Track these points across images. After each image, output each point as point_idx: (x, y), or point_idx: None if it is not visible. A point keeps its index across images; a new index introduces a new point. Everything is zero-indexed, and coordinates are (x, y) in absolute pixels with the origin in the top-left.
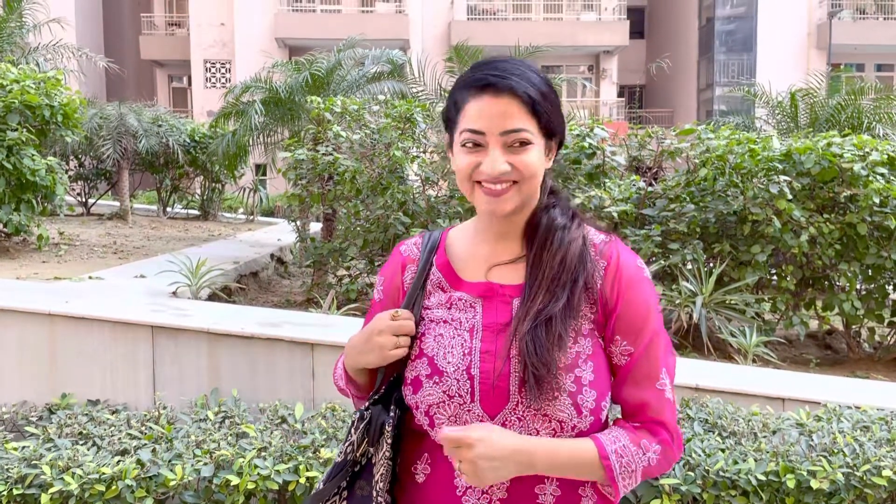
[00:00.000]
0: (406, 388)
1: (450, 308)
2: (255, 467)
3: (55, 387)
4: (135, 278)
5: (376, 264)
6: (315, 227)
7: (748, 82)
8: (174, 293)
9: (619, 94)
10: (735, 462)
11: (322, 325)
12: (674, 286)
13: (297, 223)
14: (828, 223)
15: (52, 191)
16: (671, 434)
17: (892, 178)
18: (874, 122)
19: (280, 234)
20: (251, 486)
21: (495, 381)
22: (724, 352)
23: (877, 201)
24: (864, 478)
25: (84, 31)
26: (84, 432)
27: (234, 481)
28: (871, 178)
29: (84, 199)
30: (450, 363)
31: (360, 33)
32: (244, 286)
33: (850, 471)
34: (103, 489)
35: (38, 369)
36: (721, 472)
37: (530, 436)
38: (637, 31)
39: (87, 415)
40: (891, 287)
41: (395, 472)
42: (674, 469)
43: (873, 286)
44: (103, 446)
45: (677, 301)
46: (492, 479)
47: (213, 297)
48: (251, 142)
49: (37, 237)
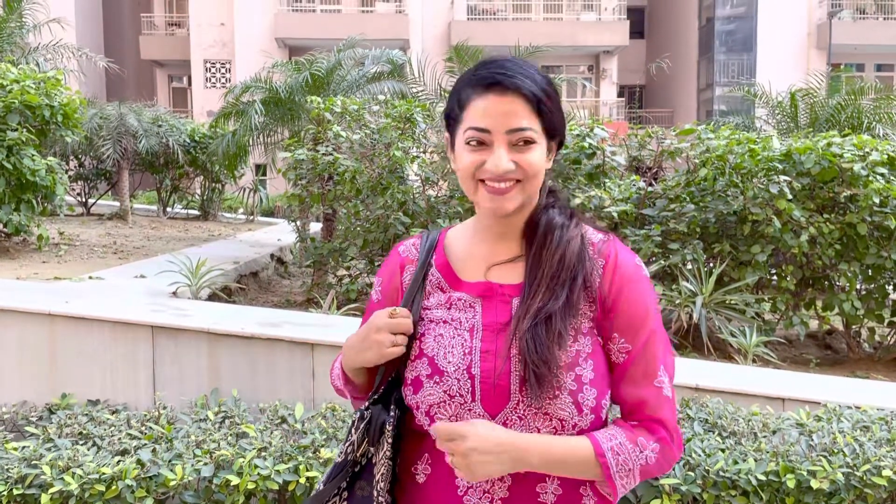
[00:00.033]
0: (406, 388)
1: (449, 308)
2: (256, 467)
3: (55, 387)
4: (135, 278)
5: (376, 264)
6: (315, 227)
7: (748, 82)
8: (174, 293)
9: (619, 94)
10: (735, 462)
11: (322, 325)
12: (674, 286)
13: (297, 223)
14: (828, 223)
15: (52, 191)
16: (670, 432)
17: (892, 178)
18: (874, 122)
19: (280, 234)
20: (251, 486)
21: (496, 380)
22: (724, 352)
23: (877, 201)
24: (864, 478)
25: (84, 31)
26: (84, 432)
27: (235, 481)
28: (871, 178)
29: (84, 199)
30: (450, 363)
31: (360, 33)
32: (244, 286)
33: (850, 471)
34: (103, 489)
35: (38, 369)
36: (721, 472)
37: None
38: (637, 31)
39: (87, 415)
40: (891, 287)
41: (395, 472)
42: (674, 469)
43: (873, 286)
44: (103, 446)
45: (677, 301)
46: (483, 473)
47: (213, 298)
48: (251, 142)
49: (37, 237)
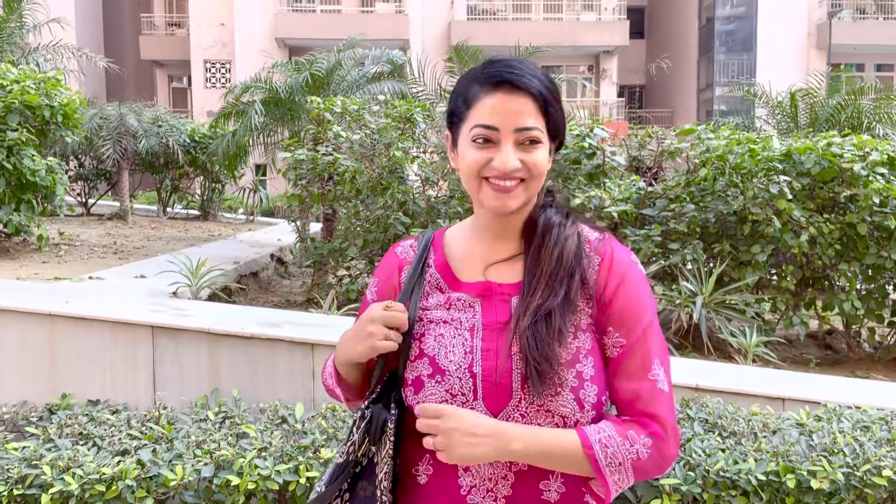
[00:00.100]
0: (407, 388)
1: (449, 308)
2: (256, 467)
3: (55, 387)
4: (135, 278)
5: (376, 264)
6: (315, 228)
7: (748, 82)
8: (174, 293)
9: (619, 94)
10: (735, 462)
11: (322, 325)
12: (674, 286)
13: (297, 223)
14: (828, 223)
15: (52, 191)
16: (664, 427)
17: (892, 178)
18: (874, 122)
19: (280, 234)
20: (251, 487)
21: (498, 378)
22: (724, 352)
23: (877, 201)
24: (865, 478)
25: (84, 31)
26: (84, 432)
27: (235, 481)
28: (871, 178)
29: (84, 200)
30: (451, 362)
31: (360, 33)
32: (244, 286)
33: (850, 471)
34: (104, 489)
35: (38, 369)
36: (721, 472)
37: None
38: (637, 31)
39: (87, 415)
40: (891, 287)
41: (396, 473)
42: (674, 469)
43: (873, 286)
44: (103, 446)
45: (677, 301)
46: (463, 454)
47: (213, 298)
48: (251, 142)
49: (37, 237)
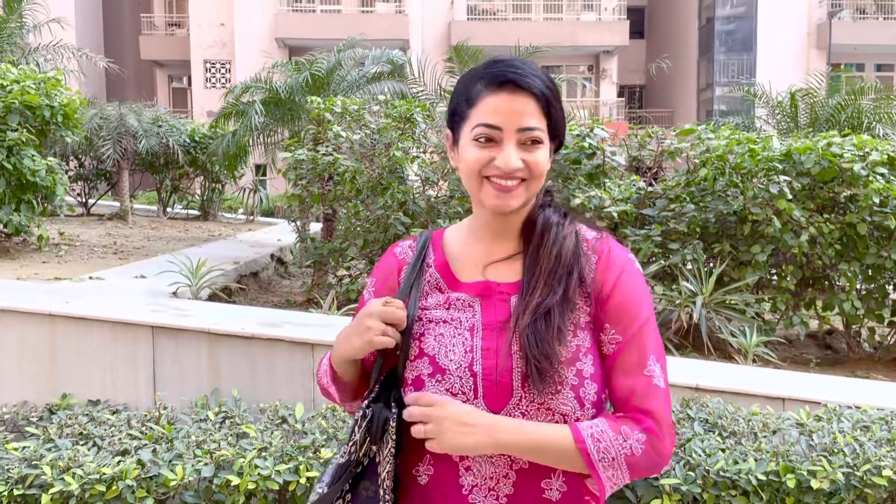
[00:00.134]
0: (407, 388)
1: (448, 308)
2: (256, 467)
3: (55, 387)
4: (135, 278)
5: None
6: (315, 228)
7: (748, 82)
8: (174, 293)
9: (619, 94)
10: (735, 462)
11: (322, 325)
12: (674, 286)
13: (297, 223)
14: (828, 223)
15: (53, 191)
16: (659, 423)
17: (892, 178)
18: (874, 122)
19: (280, 234)
20: (252, 487)
21: (498, 377)
22: (724, 352)
23: (877, 201)
24: (865, 478)
25: (84, 31)
26: (84, 432)
27: (235, 481)
28: (871, 178)
29: (84, 200)
30: (452, 361)
31: (360, 33)
32: (244, 286)
33: (850, 471)
34: (104, 489)
35: (38, 369)
36: (721, 472)
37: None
38: (637, 31)
39: (87, 415)
40: (891, 287)
41: (397, 473)
42: (674, 469)
43: (873, 286)
44: (104, 446)
45: (677, 301)
46: (455, 443)
47: (213, 298)
48: (251, 142)
49: (37, 237)
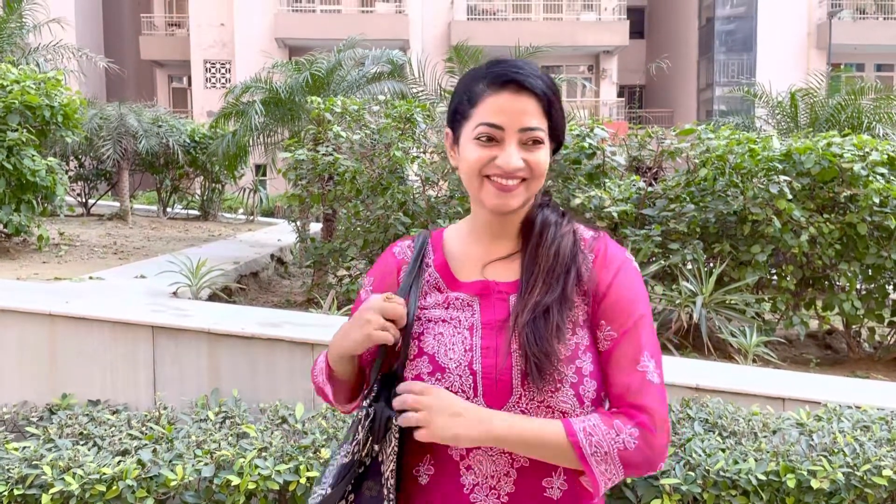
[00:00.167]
0: None
1: (447, 308)
2: (256, 467)
3: (55, 387)
4: (135, 278)
5: None
6: (315, 228)
7: (748, 82)
8: (174, 293)
9: (619, 94)
10: (735, 462)
11: (322, 325)
12: (674, 286)
13: (297, 223)
14: (828, 223)
15: (53, 191)
16: (653, 418)
17: (892, 177)
18: (874, 122)
19: (280, 234)
20: (252, 487)
21: (498, 375)
22: (724, 352)
23: (877, 201)
24: (865, 477)
25: (84, 31)
26: (85, 432)
27: (235, 481)
28: (871, 178)
29: (84, 200)
30: (451, 359)
31: (360, 33)
32: (244, 286)
33: (850, 470)
34: (104, 489)
35: (38, 369)
36: (721, 472)
37: None
38: (637, 31)
39: (87, 415)
40: (891, 287)
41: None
42: (674, 469)
43: (873, 286)
44: (104, 446)
45: (677, 301)
46: (444, 431)
47: (213, 298)
48: (251, 142)
49: (37, 238)
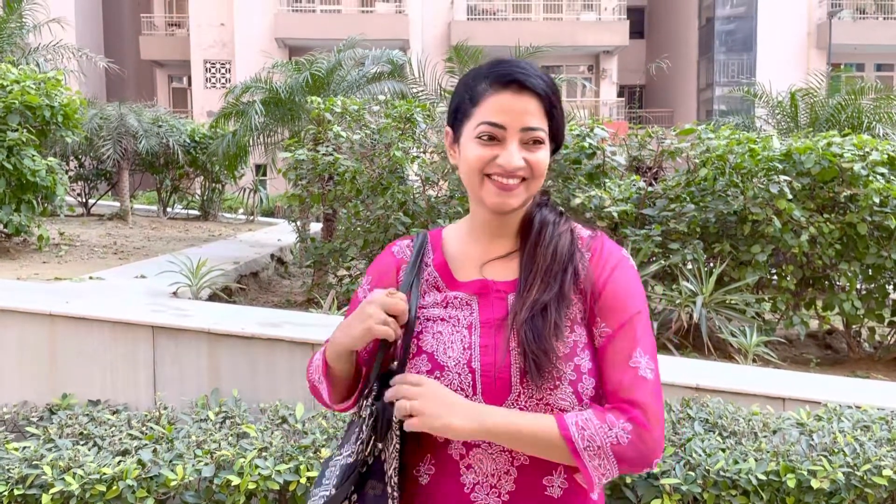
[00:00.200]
0: None
1: (446, 307)
2: (256, 467)
3: (55, 387)
4: (135, 278)
5: None
6: (315, 228)
7: (748, 82)
8: (174, 293)
9: (619, 94)
10: (735, 462)
11: (322, 325)
12: (674, 286)
13: (298, 223)
14: (828, 223)
15: (53, 191)
16: (646, 413)
17: (892, 177)
18: (874, 122)
19: (280, 234)
20: (252, 487)
21: (497, 373)
22: (724, 351)
23: (877, 201)
24: (865, 477)
25: (84, 31)
26: (85, 432)
27: (235, 481)
28: (871, 177)
29: (84, 200)
30: (450, 357)
31: (360, 33)
32: (244, 286)
33: (850, 470)
34: (104, 489)
35: (38, 369)
36: (721, 472)
37: None
38: (637, 31)
39: (87, 415)
40: (891, 287)
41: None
42: (674, 469)
43: (873, 286)
44: (104, 446)
45: (677, 301)
46: (438, 422)
47: (213, 298)
48: (251, 142)
49: (37, 238)
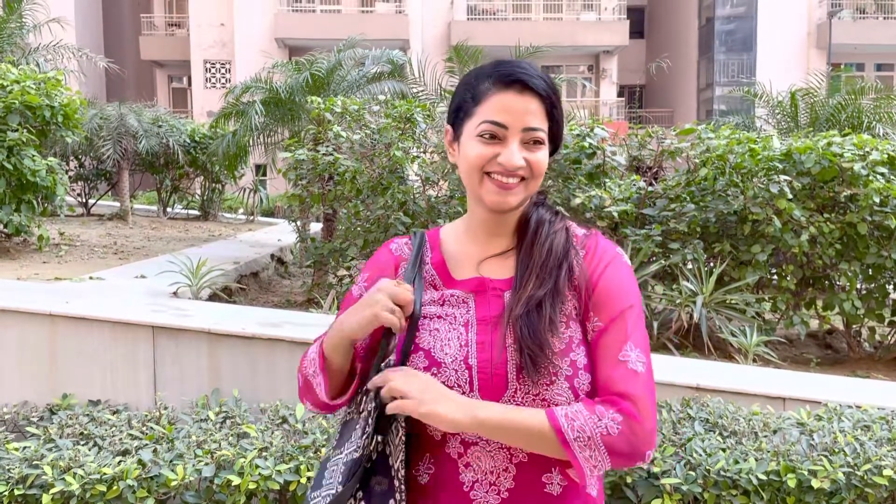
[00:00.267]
0: None
1: (443, 304)
2: (257, 467)
3: (56, 387)
4: (135, 279)
5: None
6: (315, 228)
7: (748, 82)
8: (175, 293)
9: (619, 94)
10: (736, 461)
11: (323, 325)
12: (674, 286)
13: (298, 223)
14: (828, 223)
15: (53, 191)
16: (636, 405)
17: (892, 177)
18: (874, 122)
19: (280, 234)
20: (252, 487)
21: (493, 369)
22: (724, 351)
23: (877, 201)
24: (865, 477)
25: (84, 31)
26: (85, 432)
27: (236, 481)
28: (871, 177)
29: (84, 200)
30: (447, 354)
31: (360, 33)
32: (245, 286)
33: (850, 470)
34: (104, 489)
35: (38, 369)
36: (722, 472)
37: None
38: (637, 31)
39: (88, 415)
40: (891, 286)
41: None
42: (675, 468)
43: (874, 285)
44: (104, 446)
45: (678, 301)
46: (430, 408)
47: (213, 298)
48: (251, 142)
49: (37, 238)
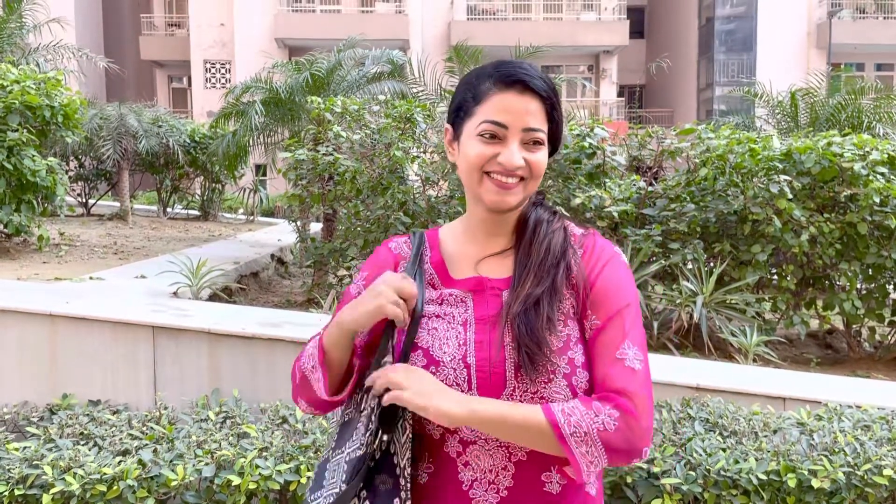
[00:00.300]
0: None
1: (441, 304)
2: (257, 467)
3: (56, 387)
4: (135, 279)
5: None
6: (315, 228)
7: (748, 82)
8: (175, 293)
9: (619, 94)
10: (736, 461)
11: (322, 325)
12: (674, 286)
13: (298, 223)
14: (828, 222)
15: (53, 191)
16: (632, 401)
17: (892, 177)
18: (874, 122)
19: (280, 234)
20: (252, 487)
21: (492, 368)
22: (724, 351)
23: (877, 200)
24: (865, 477)
25: (84, 31)
26: (85, 433)
27: (236, 481)
28: (871, 177)
29: (84, 200)
30: (446, 353)
31: (360, 33)
32: (245, 286)
33: (851, 470)
34: (105, 489)
35: (38, 370)
36: (722, 472)
37: None
38: (637, 31)
39: (88, 415)
40: (891, 286)
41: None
42: (675, 468)
43: (874, 285)
44: (104, 446)
45: (678, 301)
46: (426, 400)
47: (213, 298)
48: (251, 142)
49: (37, 238)
